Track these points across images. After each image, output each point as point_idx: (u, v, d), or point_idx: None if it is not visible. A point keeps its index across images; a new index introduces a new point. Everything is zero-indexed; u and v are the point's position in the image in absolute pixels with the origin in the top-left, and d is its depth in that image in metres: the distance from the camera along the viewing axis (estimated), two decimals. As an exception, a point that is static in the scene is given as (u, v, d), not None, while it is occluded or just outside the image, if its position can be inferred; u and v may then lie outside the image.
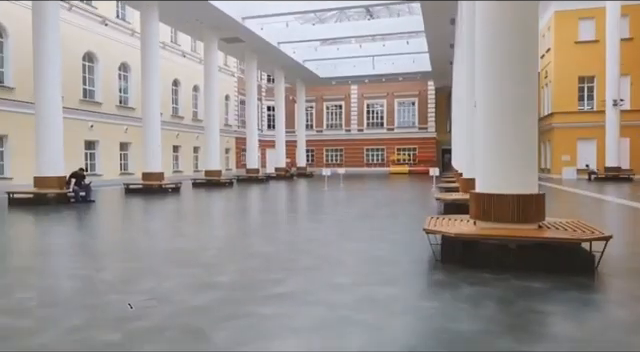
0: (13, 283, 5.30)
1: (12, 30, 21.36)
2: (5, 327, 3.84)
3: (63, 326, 3.83)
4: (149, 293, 4.81)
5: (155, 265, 6.25)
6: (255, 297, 4.66)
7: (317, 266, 6.05)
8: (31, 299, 4.62)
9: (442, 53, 30.28)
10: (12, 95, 21.48)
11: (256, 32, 25.79)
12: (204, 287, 5.04)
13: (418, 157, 44.46)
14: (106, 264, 6.31)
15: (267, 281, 5.28)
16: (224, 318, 4.03)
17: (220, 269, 5.96)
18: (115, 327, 3.81)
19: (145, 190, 19.84)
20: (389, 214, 12.20)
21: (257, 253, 6.89)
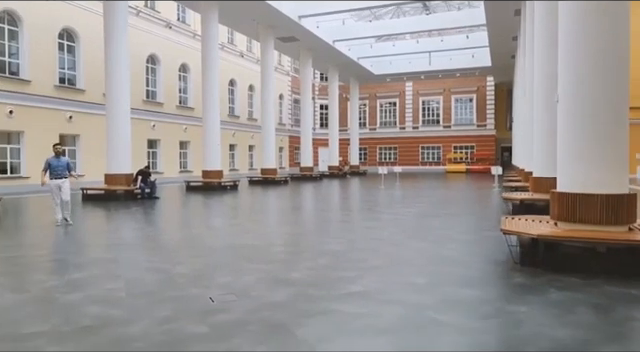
0: (101, 274, 5.56)
1: (83, 35, 22.59)
2: (100, 316, 4.01)
3: (153, 317, 3.95)
4: (226, 288, 4.88)
5: (227, 260, 6.36)
6: (332, 295, 4.61)
7: (387, 265, 5.93)
8: (119, 290, 4.82)
9: (504, 47, 29.12)
10: (83, 97, 22.76)
11: (312, 31, 25.88)
12: (279, 283, 5.06)
13: (476, 155, 43.02)
14: (181, 258, 6.49)
15: (340, 279, 5.22)
16: (305, 314, 4.01)
17: (291, 266, 5.97)
18: (201, 320, 3.88)
19: (205, 187, 20.42)
20: (452, 213, 11.84)
21: (324, 251, 6.86)
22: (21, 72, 20.11)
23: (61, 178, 9.27)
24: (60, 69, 21.90)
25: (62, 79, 22.01)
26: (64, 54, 22.18)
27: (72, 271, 5.65)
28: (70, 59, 22.54)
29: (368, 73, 37.56)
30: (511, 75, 37.45)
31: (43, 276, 5.54)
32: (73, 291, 4.77)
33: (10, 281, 5.31)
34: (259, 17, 23.29)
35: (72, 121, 22.11)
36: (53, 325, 3.77)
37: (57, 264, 6.31)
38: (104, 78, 16.73)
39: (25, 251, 7.21)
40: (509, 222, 6.52)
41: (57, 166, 9.28)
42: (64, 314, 4.06)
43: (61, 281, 5.18)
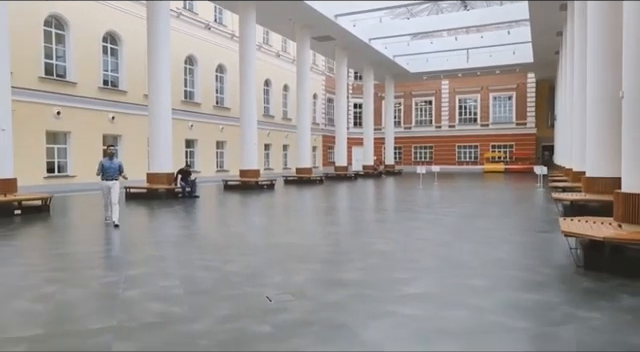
0: (154, 271, 5.64)
1: (125, 38, 23.23)
2: (162, 313, 4.04)
3: (214, 315, 3.96)
4: (281, 287, 4.86)
5: (276, 259, 6.34)
6: (390, 296, 4.51)
7: (440, 267, 5.77)
8: (175, 287, 4.87)
9: (547, 42, 28.13)
10: (125, 98, 23.39)
11: (348, 29, 25.75)
12: (333, 283, 5.00)
13: (515, 154, 41.81)
14: (229, 257, 6.51)
15: (395, 280, 5.11)
16: (366, 316, 3.93)
17: (341, 266, 5.90)
18: (262, 319, 3.86)
19: (242, 186, 20.62)
20: (499, 214, 11.50)
21: (373, 251, 6.74)
22: (68, 74, 20.83)
23: (112, 180, 9.33)
24: (104, 71, 22.57)
25: (105, 81, 22.68)
26: (108, 57, 22.85)
27: (127, 268, 5.75)
28: (113, 61, 23.19)
29: (404, 71, 37.09)
30: (553, 71, 36.20)
31: (100, 272, 5.66)
32: (131, 288, 4.85)
33: (70, 277, 5.44)
34: (296, 17, 23.34)
35: (114, 122, 22.75)
36: (119, 321, 3.83)
37: (111, 261, 6.45)
38: (146, 79, 17.13)
39: (78, 248, 7.42)
40: (568, 224, 6.23)
41: (109, 168, 9.34)
42: (127, 310, 4.12)
43: (119, 277, 5.27)
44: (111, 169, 9.34)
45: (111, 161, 9.43)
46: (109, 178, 9.31)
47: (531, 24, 25.55)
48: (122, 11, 22.98)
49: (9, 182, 12.09)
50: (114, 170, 9.37)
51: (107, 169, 9.32)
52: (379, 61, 33.12)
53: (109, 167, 9.34)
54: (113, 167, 9.38)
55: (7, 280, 5.26)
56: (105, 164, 9.36)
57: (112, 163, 9.41)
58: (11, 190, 12.07)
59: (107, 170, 9.32)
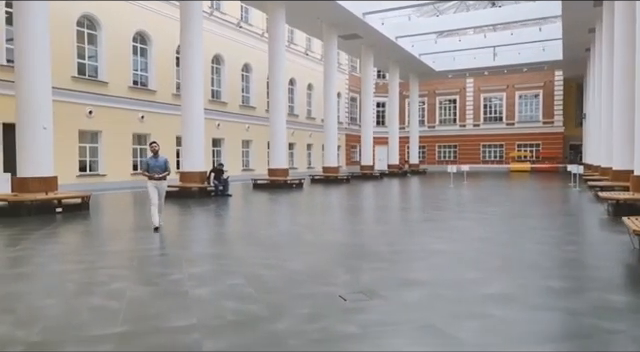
0: (216, 269, 5.57)
1: (155, 37, 23.41)
2: (241, 311, 3.96)
3: (295, 314, 3.86)
4: (350, 286, 4.74)
5: (334, 258, 6.23)
6: (469, 297, 4.35)
7: (509, 267, 5.59)
8: (244, 285, 4.78)
9: (578, 39, 27.50)
10: (154, 97, 23.57)
11: (376, 28, 25.53)
12: (404, 283, 4.86)
13: (542, 154, 41.01)
14: (286, 255, 6.41)
15: (468, 281, 4.95)
16: (452, 316, 3.78)
17: (406, 265, 5.76)
18: (344, 319, 3.75)
19: (271, 185, 20.60)
20: (545, 214, 11.22)
21: (432, 250, 6.58)
22: (99, 74, 21.08)
23: (158, 179, 8.70)
24: (133, 71, 22.78)
25: (135, 80, 22.90)
26: (137, 56, 23.06)
27: (186, 266, 5.69)
28: (142, 61, 23.39)
29: (429, 70, 36.67)
30: (582, 69, 35.39)
31: (161, 269, 5.61)
32: (199, 286, 4.78)
33: (133, 274, 5.41)
34: (324, 15, 23.22)
35: (144, 121, 22.95)
36: (199, 319, 3.75)
37: (168, 258, 6.42)
38: (174, 79, 17.20)
39: (130, 245, 7.41)
40: (634, 223, 5.99)
41: (154, 166, 8.69)
42: (203, 308, 4.05)
43: (182, 275, 5.22)
44: (156, 167, 8.69)
45: (156, 159, 8.78)
46: (155, 177, 8.67)
47: (562, 20, 24.99)
48: (152, 11, 23.17)
49: (50, 180, 12.24)
50: (160, 168, 8.70)
51: (153, 167, 8.68)
52: (404, 59, 32.80)
53: (154, 165, 8.70)
54: (158, 165, 8.72)
55: (73, 277, 5.25)
56: (150, 162, 8.74)
57: (157, 161, 8.75)
58: (52, 188, 12.22)
59: (153, 168, 8.67)
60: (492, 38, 31.74)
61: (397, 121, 34.28)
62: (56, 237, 8.30)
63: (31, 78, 11.86)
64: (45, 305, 4.21)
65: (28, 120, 11.88)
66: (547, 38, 30.08)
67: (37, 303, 4.28)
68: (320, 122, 37.69)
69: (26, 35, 11.82)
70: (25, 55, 11.81)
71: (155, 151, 8.86)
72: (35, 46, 11.86)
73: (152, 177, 8.66)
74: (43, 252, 6.92)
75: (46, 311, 4.05)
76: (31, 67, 11.84)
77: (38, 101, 11.93)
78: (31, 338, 3.41)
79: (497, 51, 34.01)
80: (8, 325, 3.69)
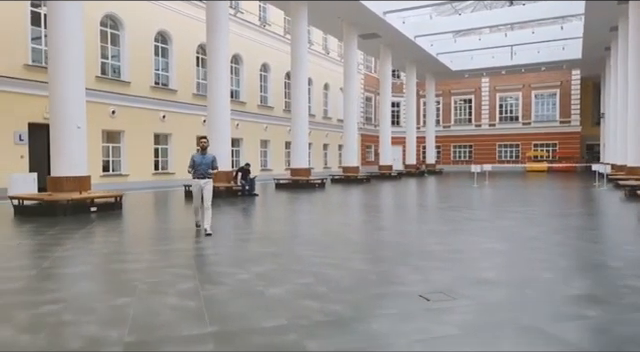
0: (279, 268, 5.51)
1: (175, 37, 23.46)
2: (327, 311, 3.87)
3: (384, 314, 3.79)
4: (424, 285, 4.65)
5: (394, 257, 6.13)
6: (560, 298, 4.23)
7: (580, 266, 5.48)
8: (315, 284, 4.71)
9: (599, 37, 27.24)
10: (174, 97, 23.62)
11: (397, 27, 25.42)
12: (479, 282, 4.77)
13: (558, 153, 40.66)
14: (343, 254, 6.32)
15: (546, 280, 4.84)
16: (552, 317, 3.67)
17: (471, 264, 5.65)
18: (438, 319, 3.67)
19: (293, 185, 20.56)
20: (582, 212, 11.07)
21: (488, 250, 6.48)
22: (122, 74, 21.16)
23: (204, 178, 7.93)
24: (155, 71, 22.84)
25: (156, 80, 22.96)
26: (159, 56, 23.12)
27: (248, 265, 5.63)
28: (163, 61, 23.44)
29: (446, 69, 36.47)
30: (599, 68, 35.05)
31: (224, 269, 5.57)
32: (272, 285, 4.72)
33: (197, 273, 5.35)
34: (345, 14, 23.14)
35: (165, 120, 22.99)
36: (288, 319, 3.69)
37: (224, 257, 6.36)
38: (206, 79, 17.24)
39: (179, 245, 7.35)
40: None
41: (201, 163, 7.95)
42: (287, 308, 3.98)
43: (248, 275, 5.16)
44: (203, 165, 7.91)
45: (203, 156, 7.97)
46: (201, 175, 7.91)
47: (585, 19, 24.74)
48: (173, 11, 23.22)
49: (83, 179, 12.26)
50: (206, 166, 7.93)
51: (199, 165, 7.93)
52: (422, 59, 32.64)
53: (201, 163, 7.93)
54: (205, 162, 7.94)
55: (137, 276, 5.20)
56: (197, 159, 7.95)
57: (204, 158, 7.96)
58: (85, 188, 12.25)
59: (199, 166, 7.93)
60: (512, 37, 31.47)
61: (414, 121, 34.14)
62: (100, 236, 8.29)
63: (65, 78, 11.89)
64: (123, 304, 4.17)
65: (63, 120, 11.91)
66: (566, 37, 29.77)
67: (114, 302, 4.23)
68: (336, 122, 37.65)
69: (60, 35, 11.84)
70: (59, 55, 11.85)
71: (204, 147, 8.07)
72: (69, 46, 11.89)
73: (197, 176, 7.96)
74: (94, 251, 6.92)
75: (126, 310, 4.01)
76: (65, 67, 11.87)
77: (72, 101, 11.97)
78: (125, 338, 3.36)
79: (516, 50, 33.72)
80: (96, 325, 3.65)
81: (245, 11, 27.84)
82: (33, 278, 5.13)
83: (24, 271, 5.50)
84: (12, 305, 4.19)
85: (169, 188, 19.76)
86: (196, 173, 7.99)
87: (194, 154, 8.13)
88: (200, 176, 7.97)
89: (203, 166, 7.94)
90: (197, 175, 7.99)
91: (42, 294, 4.50)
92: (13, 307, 4.14)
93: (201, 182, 7.98)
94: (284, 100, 31.64)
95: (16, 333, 3.48)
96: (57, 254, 6.49)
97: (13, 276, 5.23)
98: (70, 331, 3.52)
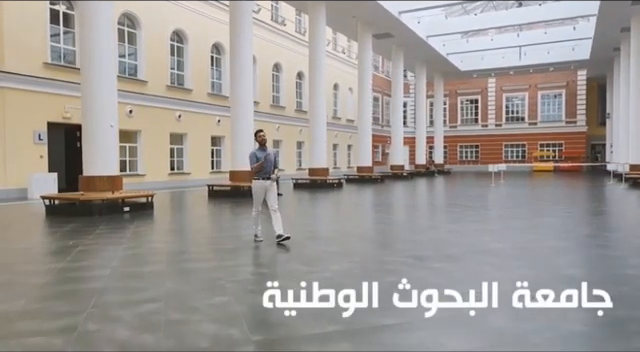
0: (357, 267, 5.49)
1: (191, 36, 23.38)
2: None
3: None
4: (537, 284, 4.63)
5: (464, 255, 6.08)
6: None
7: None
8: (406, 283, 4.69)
9: (609, 38, 27.37)
10: (190, 96, 23.51)
11: (411, 27, 25.47)
12: (567, 279, 4.76)
13: (565, 153, 40.90)
14: (412, 252, 6.25)
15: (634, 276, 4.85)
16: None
17: (552, 261, 5.63)
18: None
19: (311, 185, 20.56)
20: (620, 211, 11.08)
21: (554, 247, 6.48)
22: (139, 73, 21.08)
23: (268, 178, 6.82)
24: (170, 70, 22.76)
25: (172, 80, 22.88)
26: (174, 55, 23.04)
27: (324, 263, 5.61)
28: (179, 60, 23.35)
29: (454, 69, 36.55)
30: (606, 69, 35.26)
31: (302, 267, 5.54)
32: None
33: (280, 271, 5.34)
34: (360, 14, 23.13)
35: (181, 120, 22.91)
36: (398, 317, 3.68)
37: (292, 256, 6.33)
38: (230, 78, 17.20)
39: (239, 244, 7.31)
40: None
41: (265, 161, 6.81)
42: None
43: (330, 273, 5.14)
44: (267, 163, 6.77)
45: (265, 152, 6.82)
46: (265, 176, 6.79)
47: (597, 19, 24.80)
48: (189, 9, 23.13)
49: (115, 179, 12.19)
50: (269, 164, 6.80)
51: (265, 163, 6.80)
52: (432, 59, 32.69)
53: (265, 160, 6.78)
54: (269, 160, 6.79)
55: (218, 275, 5.17)
56: (259, 156, 6.77)
57: (267, 154, 6.81)
58: (117, 187, 12.19)
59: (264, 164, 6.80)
60: (524, 37, 31.57)
61: (424, 121, 34.25)
62: (148, 235, 8.26)
63: (97, 77, 11.81)
64: (222, 303, 4.14)
65: (96, 118, 11.86)
66: (578, 37, 29.92)
67: (212, 301, 4.21)
68: (345, 122, 37.67)
69: (92, 34, 11.78)
70: (91, 54, 11.78)
71: (263, 141, 6.93)
72: (101, 45, 11.81)
73: (261, 176, 6.79)
74: (157, 250, 6.85)
75: (230, 309, 3.99)
76: (97, 66, 11.79)
77: (104, 99, 11.91)
78: (254, 337, 3.34)
79: (526, 50, 33.85)
80: (210, 323, 3.62)
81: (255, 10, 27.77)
82: (111, 277, 5.10)
83: (97, 271, 5.47)
84: (109, 304, 4.16)
85: (185, 188, 19.71)
86: (262, 173, 6.80)
87: (254, 151, 6.92)
88: (266, 177, 6.79)
89: (267, 165, 6.81)
90: (263, 175, 6.79)
91: (132, 293, 4.48)
92: (112, 306, 4.10)
93: (266, 183, 6.81)
94: (295, 100, 31.68)
95: (135, 333, 3.45)
96: (120, 253, 6.46)
97: (90, 276, 5.20)
98: (188, 330, 3.50)
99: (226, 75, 25.03)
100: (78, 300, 4.30)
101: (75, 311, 3.93)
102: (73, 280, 5.03)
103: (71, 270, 5.49)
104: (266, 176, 6.82)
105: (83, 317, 3.77)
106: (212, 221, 10.56)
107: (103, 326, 3.62)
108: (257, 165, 6.72)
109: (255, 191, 6.93)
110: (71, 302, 4.25)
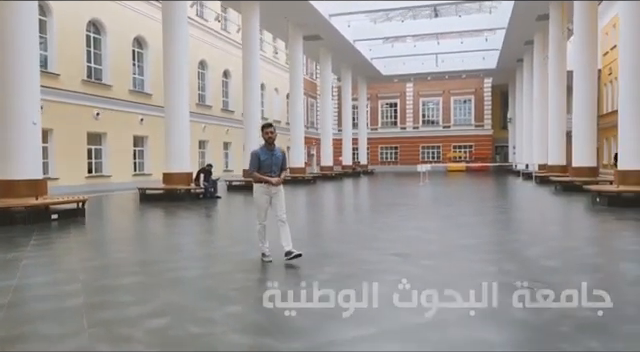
0: (354, 269, 5.42)
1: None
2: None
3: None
4: (517, 276, 4.84)
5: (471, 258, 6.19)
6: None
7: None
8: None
9: (514, 50, 30.13)
10: (109, 93, 22.10)
11: (340, 30, 25.92)
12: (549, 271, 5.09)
13: (474, 154, 44.35)
14: (410, 252, 6.33)
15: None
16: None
17: (525, 254, 5.98)
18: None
19: (246, 187, 20.04)
20: (544, 205, 12.15)
21: (523, 242, 6.91)
22: (50, 65, 19.31)
23: (276, 183, 5.58)
24: (87, 63, 21.04)
25: (89, 74, 21.17)
26: (91, 47, 21.32)
27: (325, 266, 5.45)
28: (97, 53, 21.63)
29: (377, 73, 37.87)
30: (508, 77, 38.86)
31: (307, 271, 5.33)
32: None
33: (265, 276, 5.09)
34: (292, 15, 23.05)
35: (99, 118, 21.20)
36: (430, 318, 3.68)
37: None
38: (163, 79, 16.44)
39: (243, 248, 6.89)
40: None
41: (269, 163, 5.56)
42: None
43: (328, 275, 5.01)
44: (273, 165, 5.57)
45: (272, 151, 5.61)
46: (271, 180, 5.52)
47: (507, 32, 27.09)
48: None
49: (38, 183, 10.91)
50: (276, 166, 5.60)
51: (266, 165, 5.55)
52: (356, 63, 33.56)
53: (268, 162, 5.55)
54: (275, 162, 5.60)
55: (210, 283, 4.82)
56: (262, 156, 5.55)
57: (274, 154, 5.60)
58: (41, 192, 10.91)
59: (266, 166, 5.55)
60: (444, 44, 33.62)
61: (350, 123, 35.22)
62: (101, 245, 7.52)
63: (17, 70, 10.53)
64: (237, 312, 3.87)
65: (14, 116, 10.53)
66: (488, 48, 32.53)
67: (224, 311, 3.90)
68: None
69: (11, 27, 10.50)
70: (6, 46, 10.48)
71: (271, 139, 5.59)
72: (20, 38, 10.56)
73: (266, 180, 5.50)
74: (123, 260, 6.20)
75: (251, 317, 3.72)
76: (16, 58, 10.51)
77: (24, 94, 10.63)
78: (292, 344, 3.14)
79: (444, 58, 36.14)
80: (242, 334, 3.36)
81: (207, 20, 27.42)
82: (88, 292, 4.52)
83: (65, 286, 4.76)
84: (108, 322, 3.66)
85: (106, 192, 18.16)
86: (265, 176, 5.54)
87: (257, 151, 5.66)
88: (272, 181, 5.52)
89: (273, 167, 5.57)
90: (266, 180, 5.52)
91: (126, 308, 3.99)
92: (112, 324, 3.62)
93: (272, 190, 5.56)
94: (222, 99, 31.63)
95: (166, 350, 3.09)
96: (79, 265, 5.75)
97: (61, 292, 4.52)
98: (221, 342, 3.22)
99: (149, 71, 23.79)
100: (66, 320, 3.75)
101: (71, 333, 3.44)
102: (43, 298, 4.37)
103: (32, 287, 4.80)
104: (272, 181, 5.51)
105: (85, 339, 3.29)
106: (163, 226, 9.88)
107: (118, 347, 3.18)
108: (256, 175, 5.52)
109: (256, 198, 5.65)
110: (60, 323, 3.70)
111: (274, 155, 5.57)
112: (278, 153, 5.63)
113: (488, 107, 44.91)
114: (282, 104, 39.62)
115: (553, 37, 21.43)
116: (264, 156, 5.54)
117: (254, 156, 5.56)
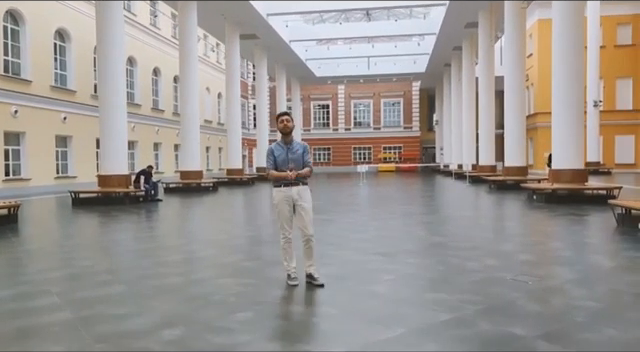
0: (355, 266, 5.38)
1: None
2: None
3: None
4: (503, 270, 5.10)
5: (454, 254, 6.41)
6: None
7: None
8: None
9: (442, 55, 31.66)
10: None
11: (277, 30, 25.71)
12: (524, 263, 5.41)
13: (403, 155, 46.06)
14: (392, 251, 6.39)
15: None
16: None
17: (501, 249, 6.30)
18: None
19: (184, 188, 19.36)
20: (484, 202, 12.89)
21: (490, 237, 7.27)
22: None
23: (297, 183, 4.54)
24: (4, 56, 19.09)
25: (5, 68, 19.21)
26: (8, 39, 19.35)
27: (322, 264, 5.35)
28: (14, 45, 19.67)
29: (310, 74, 38.03)
30: (435, 81, 40.85)
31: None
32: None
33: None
34: (229, 13, 22.53)
35: (17, 116, 19.31)
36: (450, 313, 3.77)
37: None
38: (97, 78, 15.47)
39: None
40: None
41: (284, 159, 4.54)
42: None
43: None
44: (290, 161, 4.52)
45: (288, 145, 4.60)
46: (290, 181, 4.49)
47: (438, 37, 28.43)
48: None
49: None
50: (295, 162, 4.53)
51: (282, 161, 4.53)
52: (291, 63, 33.49)
53: (284, 157, 4.54)
54: (295, 157, 4.55)
55: (199, 291, 4.57)
56: (276, 152, 4.57)
57: (290, 148, 4.58)
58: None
59: (282, 163, 4.53)
60: (378, 48, 34.53)
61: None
62: (54, 253, 6.85)
63: None
64: (251, 318, 3.70)
65: None
66: (420, 52, 33.94)
67: (236, 318, 3.72)
68: (203, 122, 36.24)
69: None
70: None
71: (287, 130, 4.59)
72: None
73: (285, 183, 4.51)
74: (92, 269, 5.66)
75: (267, 323, 3.58)
76: None
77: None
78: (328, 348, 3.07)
79: (377, 61, 37.11)
80: (269, 341, 3.22)
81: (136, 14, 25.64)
82: (72, 305, 4.10)
83: (41, 299, 4.30)
84: (111, 336, 3.34)
85: (25, 197, 16.25)
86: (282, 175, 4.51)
87: (271, 146, 4.65)
88: (290, 182, 4.50)
89: (291, 165, 4.51)
90: (285, 180, 4.50)
91: (124, 320, 3.66)
92: (119, 338, 3.31)
93: (293, 191, 4.53)
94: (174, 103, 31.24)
95: None
96: (43, 276, 5.20)
97: (39, 306, 4.09)
98: (253, 350, 3.05)
99: (71, 66, 22.13)
100: (61, 337, 3.38)
101: (74, 350, 3.08)
102: (20, 314, 3.88)
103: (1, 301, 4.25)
104: (291, 181, 4.48)
105: (100, 355, 2.97)
106: (115, 231, 9.17)
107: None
108: (273, 174, 4.55)
109: (276, 205, 4.59)
110: (55, 340, 3.32)
111: (290, 149, 4.56)
112: (296, 146, 4.61)
113: (416, 109, 46.89)
114: (214, 104, 38.60)
115: (482, 43, 22.82)
116: (278, 151, 4.57)
117: (268, 152, 4.63)
